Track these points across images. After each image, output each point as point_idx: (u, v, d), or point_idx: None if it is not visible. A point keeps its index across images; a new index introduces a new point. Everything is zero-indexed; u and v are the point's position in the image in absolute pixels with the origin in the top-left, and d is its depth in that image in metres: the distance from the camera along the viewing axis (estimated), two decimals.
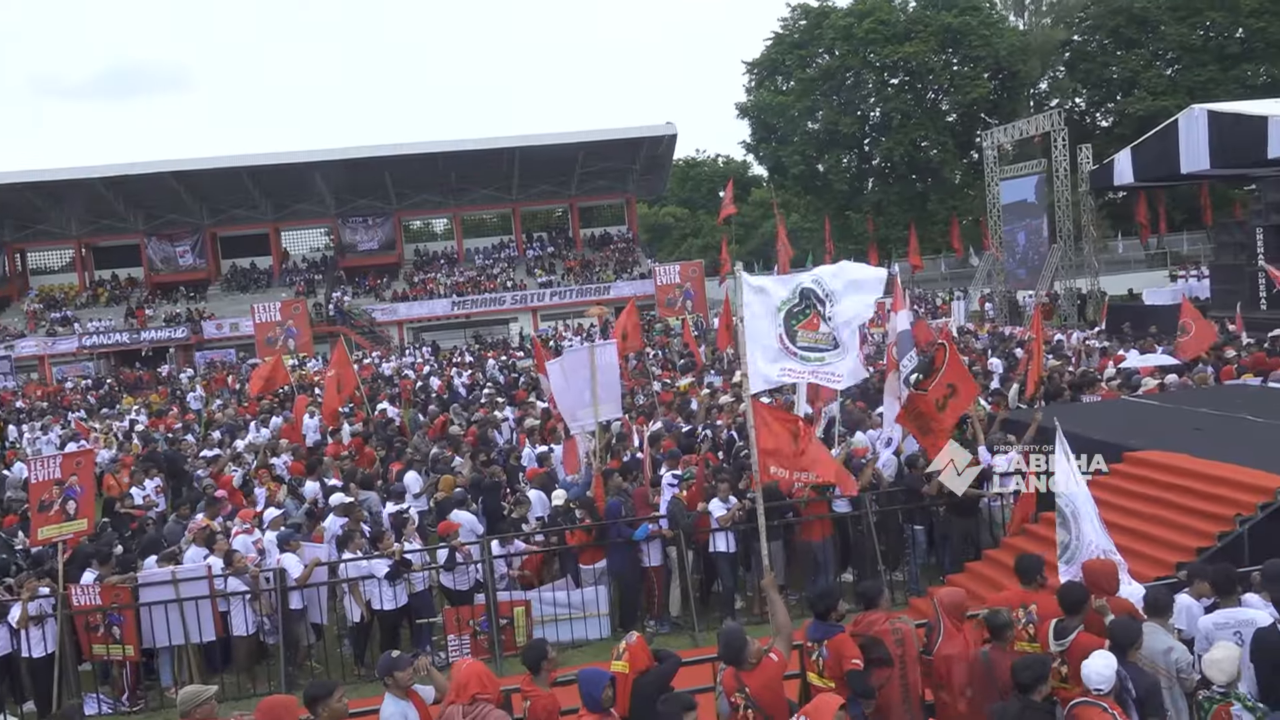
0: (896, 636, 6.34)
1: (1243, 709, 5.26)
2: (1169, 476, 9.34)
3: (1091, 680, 5.25)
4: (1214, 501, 8.70)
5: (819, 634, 6.58)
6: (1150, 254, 52.16)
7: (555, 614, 10.52)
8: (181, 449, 18.98)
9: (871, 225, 54.29)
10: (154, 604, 9.79)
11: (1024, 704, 5.42)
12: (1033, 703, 5.41)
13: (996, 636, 6.15)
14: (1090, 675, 5.27)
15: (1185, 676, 5.90)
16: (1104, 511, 8.86)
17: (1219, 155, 25.12)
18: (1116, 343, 21.09)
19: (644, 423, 15.90)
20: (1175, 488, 9.11)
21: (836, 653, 6.32)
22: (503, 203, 58.59)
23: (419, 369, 34.36)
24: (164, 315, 50.83)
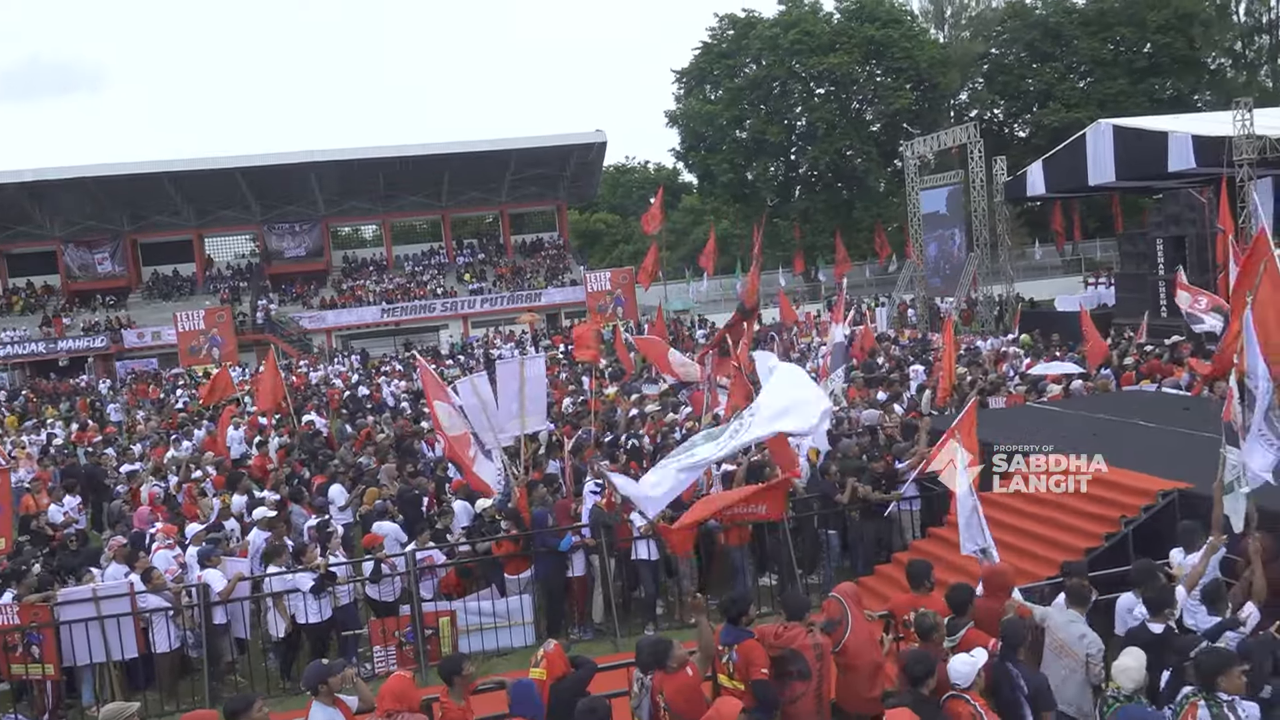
0: (816, 651, 6.66)
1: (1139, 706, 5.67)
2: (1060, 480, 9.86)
3: (952, 676, 5.66)
4: (1102, 504, 9.25)
5: (730, 638, 6.89)
6: (1066, 260, 53.89)
7: (480, 623, 10.70)
8: (102, 463, 18.69)
9: (799, 232, 55.24)
10: (74, 622, 9.74)
11: (914, 696, 5.77)
12: (921, 695, 5.76)
13: (925, 638, 6.47)
14: (951, 672, 5.68)
15: (1094, 663, 6.36)
16: (1000, 513, 9.42)
17: (1124, 168, 26.25)
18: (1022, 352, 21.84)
19: (570, 432, 16.13)
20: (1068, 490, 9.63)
21: (746, 658, 6.63)
22: (433, 209, 58.34)
23: (344, 378, 34.04)
24: (82, 324, 49.56)
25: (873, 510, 11.35)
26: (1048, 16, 55.59)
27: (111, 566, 10.39)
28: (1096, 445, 10.72)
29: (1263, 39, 61.11)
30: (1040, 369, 17.49)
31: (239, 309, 49.64)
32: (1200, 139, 23.06)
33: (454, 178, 54.39)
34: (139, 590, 9.93)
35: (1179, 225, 23.70)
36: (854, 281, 55.95)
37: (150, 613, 9.93)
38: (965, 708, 5.59)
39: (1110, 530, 8.96)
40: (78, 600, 9.79)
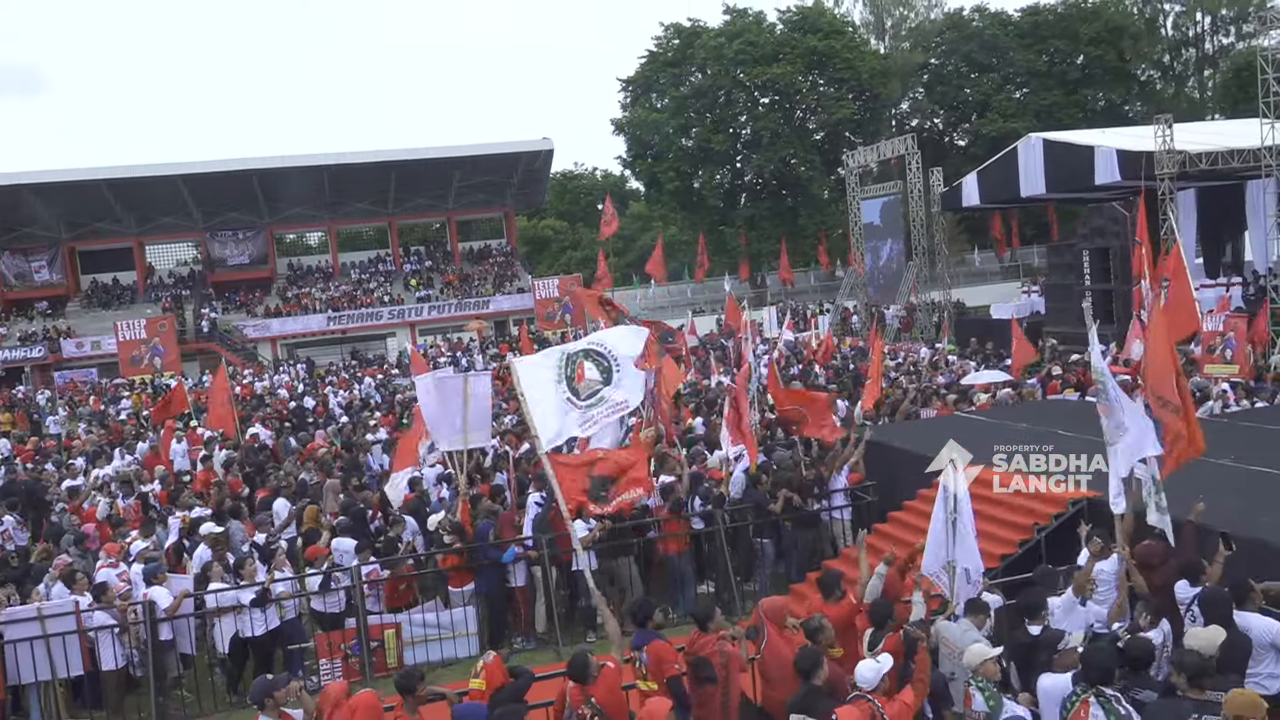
0: (722, 659, 7.12)
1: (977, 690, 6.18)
2: (983, 490, 10.37)
3: (858, 679, 6.15)
4: (1017, 512, 9.79)
5: (640, 641, 7.38)
6: (1005, 266, 55.14)
7: (425, 635, 10.96)
8: (43, 479, 18.54)
9: (744, 239, 55.95)
10: (19, 640, 9.82)
11: (807, 687, 6.33)
12: (814, 686, 6.33)
13: (812, 639, 6.99)
14: (858, 675, 6.20)
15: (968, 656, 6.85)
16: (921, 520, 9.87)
17: (1053, 181, 27.17)
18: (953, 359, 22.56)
19: (515, 443, 16.40)
20: (986, 499, 10.12)
21: (656, 658, 7.12)
22: (379, 216, 58.12)
23: (288, 387, 33.87)
24: (19, 333, 48.63)
25: (805, 519, 11.81)
26: (984, 29, 57.05)
27: (57, 585, 10.46)
28: None
29: (1189, 52, 63.21)
30: (970, 378, 18.12)
31: (181, 317, 49.04)
32: (1124, 153, 23.96)
33: (400, 184, 54.25)
34: (85, 609, 10.03)
35: (1103, 237, 24.60)
36: (799, 288, 56.94)
37: (96, 630, 10.04)
38: (866, 705, 6.05)
39: (1025, 537, 9.49)
40: (23, 619, 9.88)
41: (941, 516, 7.86)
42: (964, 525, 7.71)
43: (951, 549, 7.80)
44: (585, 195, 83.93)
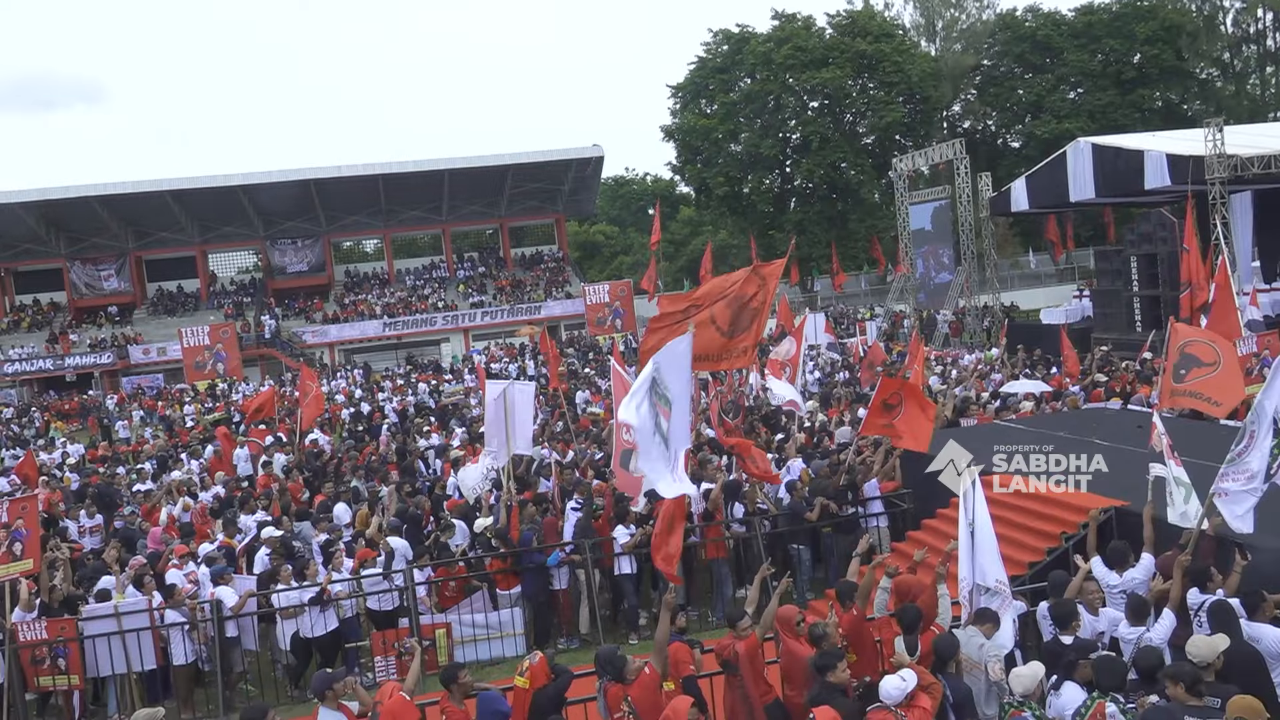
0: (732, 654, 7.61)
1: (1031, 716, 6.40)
2: (1010, 498, 10.59)
3: (882, 695, 6.42)
4: (1046, 520, 10.00)
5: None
6: (1060, 269, 54.52)
7: (474, 635, 11.48)
8: (115, 482, 19.44)
9: (794, 244, 55.94)
10: (98, 636, 10.51)
11: (822, 684, 6.71)
12: (829, 683, 6.68)
13: (816, 644, 7.37)
14: (882, 691, 6.44)
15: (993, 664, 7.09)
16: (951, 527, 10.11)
17: (1103, 185, 26.99)
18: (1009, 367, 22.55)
19: (566, 449, 16.90)
20: (1015, 508, 10.37)
21: (674, 659, 7.54)
22: (433, 223, 59.17)
23: (345, 392, 34.75)
24: (89, 340, 50.38)
25: (842, 526, 12.12)
26: (1037, 29, 56.52)
27: (130, 586, 11.14)
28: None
29: (1250, 49, 61.92)
30: (1010, 387, 18.21)
31: (242, 323, 50.43)
32: (1174, 158, 23.78)
33: (454, 192, 55.23)
34: (158, 606, 10.70)
35: (1151, 243, 24.44)
36: (850, 291, 56.89)
37: (168, 627, 10.70)
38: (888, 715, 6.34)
39: (1052, 545, 9.71)
40: (102, 616, 10.57)
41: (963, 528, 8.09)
42: (982, 535, 7.91)
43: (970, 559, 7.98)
44: (636, 200, 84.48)
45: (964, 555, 8.00)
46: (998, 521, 10.19)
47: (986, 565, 7.89)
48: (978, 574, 7.89)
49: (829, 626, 7.54)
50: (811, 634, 7.47)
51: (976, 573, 7.89)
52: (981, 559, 7.89)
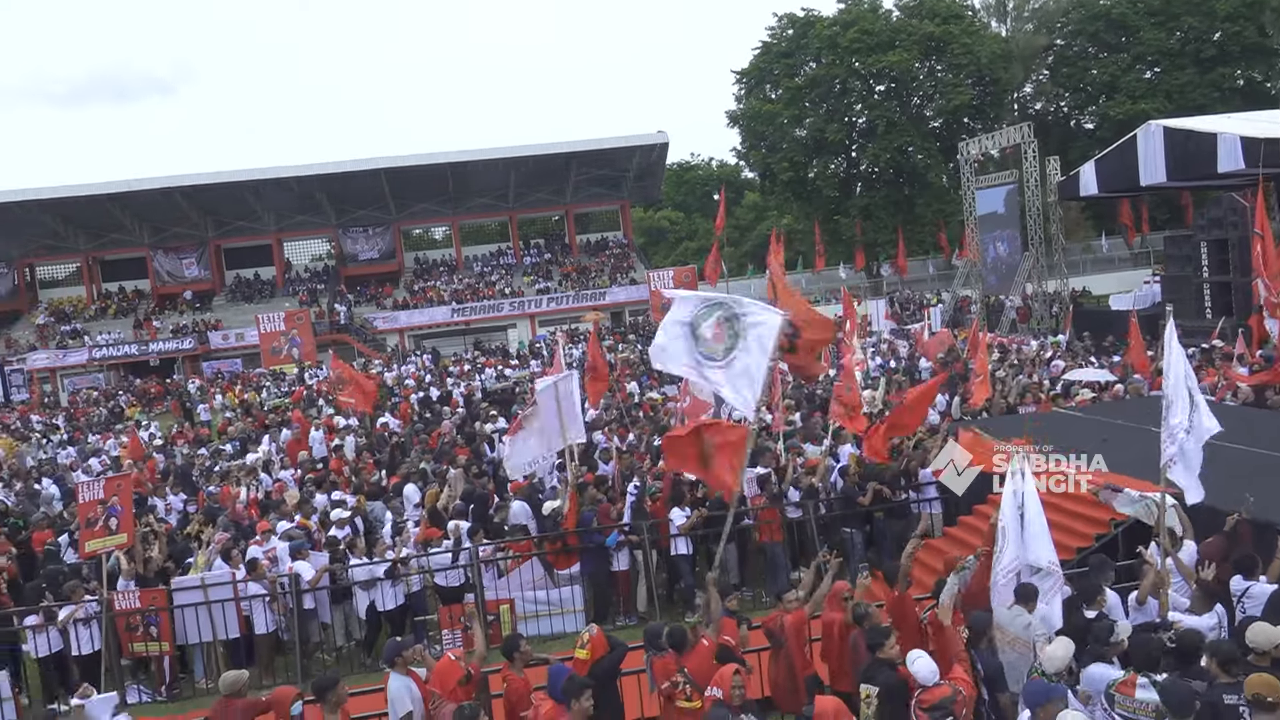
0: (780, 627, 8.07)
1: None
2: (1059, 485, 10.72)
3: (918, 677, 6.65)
4: (1095, 507, 10.11)
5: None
6: (1135, 253, 53.27)
7: (536, 611, 11.97)
8: (197, 463, 20.40)
9: (860, 229, 55.64)
10: (186, 606, 11.24)
11: (873, 660, 7.03)
12: (879, 659, 6.99)
13: (859, 622, 7.66)
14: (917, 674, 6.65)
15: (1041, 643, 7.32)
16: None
17: (1174, 169, 26.47)
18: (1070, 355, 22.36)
19: (624, 433, 17.32)
20: (1066, 494, 10.48)
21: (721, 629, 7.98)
22: (500, 210, 60.03)
23: (415, 377, 35.60)
24: (171, 326, 52.27)
25: (895, 511, 12.34)
26: (1112, 7, 55.06)
27: (217, 559, 11.86)
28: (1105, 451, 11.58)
29: None
30: (1073, 374, 18.14)
31: (315, 310, 51.84)
32: (1248, 140, 23.27)
33: (520, 179, 55.97)
34: (241, 579, 11.39)
35: (1222, 228, 23.95)
36: (916, 276, 56.41)
37: (250, 599, 11.39)
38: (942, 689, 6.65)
39: (1101, 531, 9.83)
40: (189, 588, 11.29)
41: (1010, 513, 8.26)
42: (1032, 517, 8.08)
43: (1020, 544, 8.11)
44: (701, 186, 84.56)
45: (1013, 537, 8.19)
46: (1047, 507, 10.36)
47: (1037, 547, 8.08)
48: (1030, 555, 8.09)
49: (870, 607, 7.83)
50: (855, 613, 7.77)
51: (1029, 553, 8.07)
52: (1031, 541, 8.08)
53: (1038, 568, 8.05)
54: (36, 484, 20.50)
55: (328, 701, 7.21)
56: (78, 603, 10.97)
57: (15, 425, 34.30)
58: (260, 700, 7.77)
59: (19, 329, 53.61)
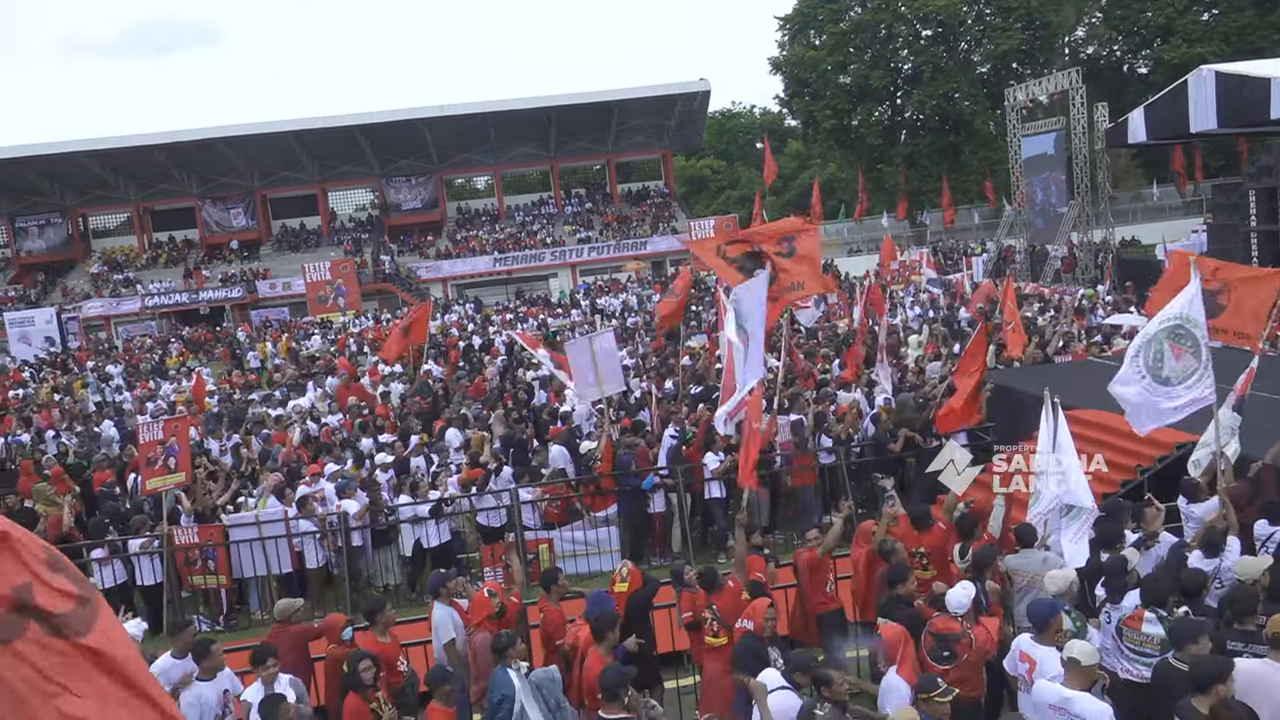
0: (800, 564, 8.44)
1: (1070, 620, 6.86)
2: (1091, 432, 10.89)
3: (950, 605, 6.92)
4: (1123, 454, 10.28)
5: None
6: (1187, 202, 52.12)
7: (574, 550, 12.38)
8: (247, 408, 21.04)
9: (903, 177, 55.02)
10: (241, 542, 11.80)
11: (891, 595, 7.37)
12: (897, 595, 7.34)
13: (885, 559, 7.92)
14: (950, 601, 6.94)
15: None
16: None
17: (1226, 115, 25.85)
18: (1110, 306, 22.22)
19: (660, 382, 17.61)
20: (1094, 441, 10.64)
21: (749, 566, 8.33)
22: (542, 160, 60.08)
23: (458, 326, 36.09)
24: (220, 276, 53.25)
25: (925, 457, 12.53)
26: None
27: (270, 497, 12.40)
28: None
29: None
30: (1113, 320, 18.08)
31: (359, 259, 52.50)
32: None
33: (561, 128, 55.90)
34: (292, 517, 11.92)
35: (1271, 176, 23.48)
36: (961, 226, 55.69)
37: (302, 535, 11.92)
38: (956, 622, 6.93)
39: (1128, 478, 9.99)
40: (244, 524, 11.84)
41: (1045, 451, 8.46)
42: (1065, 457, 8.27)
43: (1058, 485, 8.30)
44: (743, 134, 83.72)
45: (1049, 477, 8.39)
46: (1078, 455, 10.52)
47: (1071, 486, 8.28)
48: (1065, 495, 8.31)
49: (896, 543, 8.11)
50: (880, 549, 8.07)
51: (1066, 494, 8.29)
52: (1067, 481, 8.28)
53: (1071, 506, 8.29)
54: (96, 426, 21.29)
55: (377, 624, 7.66)
56: (144, 536, 11.58)
57: (74, 371, 35.36)
58: (313, 626, 8.26)
59: (74, 278, 54.94)
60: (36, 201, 56.20)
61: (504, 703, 6.77)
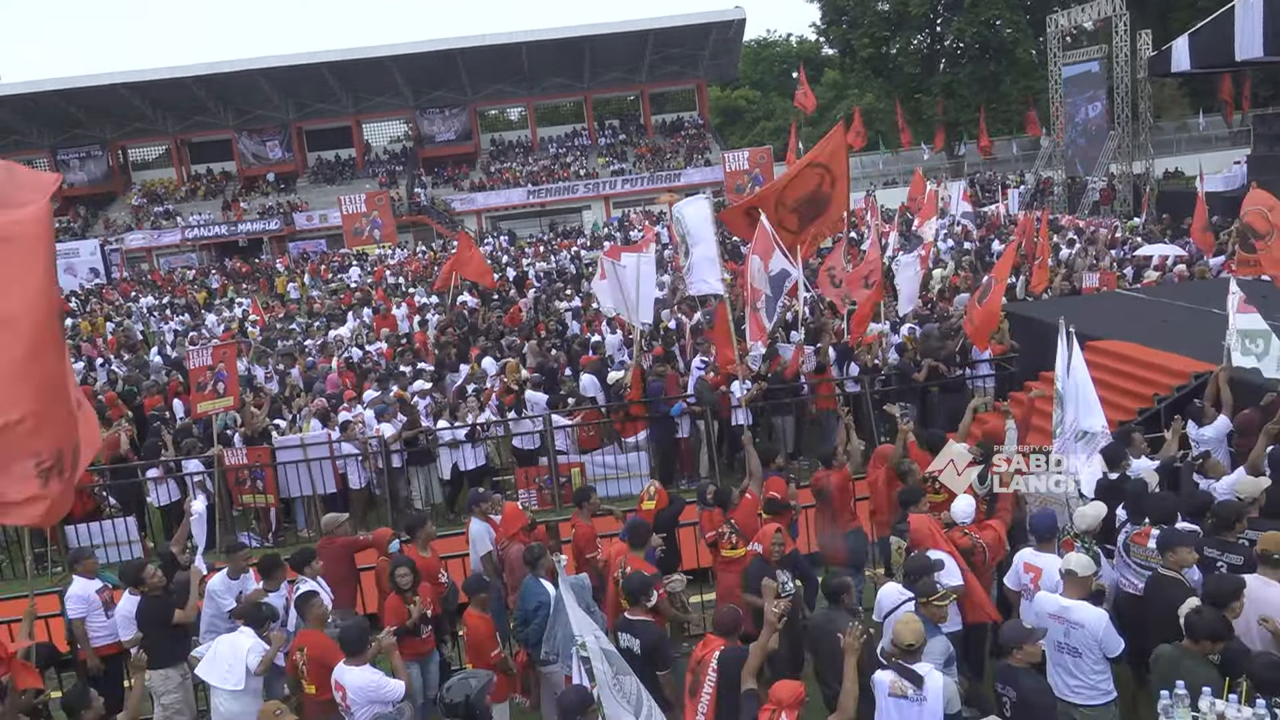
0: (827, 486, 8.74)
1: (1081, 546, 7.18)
2: (1112, 361, 11.09)
3: (955, 514, 7.32)
4: (1142, 383, 10.48)
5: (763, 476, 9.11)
6: (1234, 132, 50.89)
7: (605, 474, 12.86)
8: (289, 337, 21.63)
9: (941, 108, 54.11)
10: (287, 463, 12.36)
11: (904, 515, 7.68)
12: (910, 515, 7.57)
13: (902, 479, 8.26)
14: (955, 510, 7.37)
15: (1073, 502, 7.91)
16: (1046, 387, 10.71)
17: (1274, 43, 25.31)
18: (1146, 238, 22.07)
19: (690, 314, 17.90)
20: (1115, 371, 10.86)
21: (769, 487, 8.72)
22: (575, 91, 59.66)
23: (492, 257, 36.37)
24: (258, 208, 53.81)
25: (949, 385, 12.81)
26: None
27: (314, 421, 12.94)
28: (1163, 332, 11.86)
29: None
30: (1145, 250, 18.06)
31: (394, 192, 52.78)
32: None
33: (595, 59, 55.43)
34: (336, 439, 12.45)
35: None
36: (1000, 157, 54.87)
37: (345, 458, 12.47)
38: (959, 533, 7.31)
39: (1144, 406, 10.21)
40: (290, 446, 12.39)
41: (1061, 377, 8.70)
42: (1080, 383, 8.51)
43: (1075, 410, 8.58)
44: (779, 64, 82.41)
45: (1068, 402, 8.64)
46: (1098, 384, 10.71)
47: (1086, 411, 8.54)
48: (1083, 420, 8.58)
49: (913, 464, 8.44)
50: (898, 469, 8.41)
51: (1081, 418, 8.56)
52: (1080, 406, 8.55)
53: (1085, 431, 8.55)
54: (145, 355, 22.00)
55: (418, 538, 8.16)
56: (196, 457, 12.18)
57: (118, 301, 36.23)
58: (359, 538, 8.77)
59: (115, 210, 55.78)
60: (77, 134, 56.83)
61: (538, 610, 7.25)
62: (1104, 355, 11.37)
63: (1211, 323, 12.24)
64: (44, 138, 56.73)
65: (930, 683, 5.39)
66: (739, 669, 5.77)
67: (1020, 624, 5.91)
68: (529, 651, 7.29)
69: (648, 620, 6.56)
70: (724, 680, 5.79)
